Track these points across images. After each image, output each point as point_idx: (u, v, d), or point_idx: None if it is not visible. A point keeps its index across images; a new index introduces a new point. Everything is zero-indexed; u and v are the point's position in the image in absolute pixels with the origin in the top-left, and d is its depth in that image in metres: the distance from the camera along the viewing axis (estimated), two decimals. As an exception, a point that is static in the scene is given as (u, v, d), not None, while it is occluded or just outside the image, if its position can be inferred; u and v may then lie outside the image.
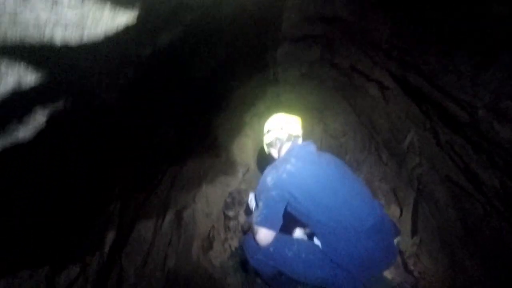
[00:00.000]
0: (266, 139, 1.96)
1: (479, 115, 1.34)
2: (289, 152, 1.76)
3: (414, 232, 2.13)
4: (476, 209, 1.72)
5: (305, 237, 1.94)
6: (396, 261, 1.93)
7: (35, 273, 1.01)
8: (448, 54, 1.39)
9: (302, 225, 1.86)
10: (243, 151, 3.39)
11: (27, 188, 1.03)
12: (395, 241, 1.54)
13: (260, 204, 1.56)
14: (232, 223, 2.89)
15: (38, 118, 0.78)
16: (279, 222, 1.53)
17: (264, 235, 1.52)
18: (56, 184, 1.17)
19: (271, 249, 1.57)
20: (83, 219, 1.38)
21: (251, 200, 1.95)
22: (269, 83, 3.31)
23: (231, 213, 2.87)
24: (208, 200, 2.74)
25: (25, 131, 0.76)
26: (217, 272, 2.57)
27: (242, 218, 2.90)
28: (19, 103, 0.72)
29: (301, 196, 1.48)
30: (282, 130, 1.87)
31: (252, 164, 3.44)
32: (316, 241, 1.55)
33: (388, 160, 2.61)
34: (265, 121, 2.05)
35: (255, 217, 1.56)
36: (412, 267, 2.02)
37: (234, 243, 2.78)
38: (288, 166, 1.56)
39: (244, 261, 2.80)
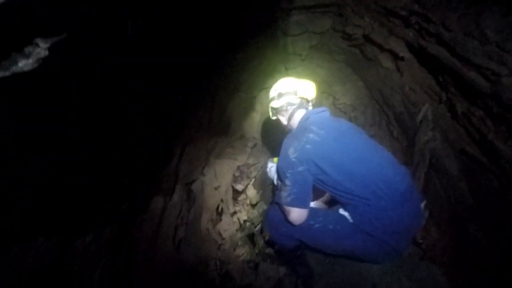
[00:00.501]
0: (276, 103, 1.78)
1: (503, 83, 1.27)
2: (305, 119, 1.63)
3: (424, 206, 2.13)
4: (490, 182, 1.69)
5: (325, 207, 1.94)
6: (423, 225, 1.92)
7: (50, 238, 1.02)
8: (473, 19, 1.31)
9: (318, 195, 1.83)
10: (251, 125, 3.35)
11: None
12: (422, 205, 1.52)
13: (287, 182, 1.45)
14: (240, 197, 2.92)
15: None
16: (310, 198, 1.47)
17: (298, 214, 1.47)
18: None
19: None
20: (96, 191, 1.39)
21: (270, 169, 1.86)
22: (278, 55, 3.21)
23: (239, 187, 2.88)
24: (217, 173, 2.75)
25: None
26: (226, 243, 2.63)
27: (250, 191, 2.92)
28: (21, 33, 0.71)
29: (330, 167, 1.39)
30: (295, 95, 1.73)
31: (260, 138, 3.42)
32: (343, 212, 1.49)
33: (398, 135, 2.56)
34: None
35: (284, 197, 1.46)
36: (420, 240, 2.03)
37: (243, 216, 2.82)
38: (311, 136, 1.44)
39: (252, 234, 2.86)
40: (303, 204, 1.45)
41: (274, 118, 1.87)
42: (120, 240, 1.62)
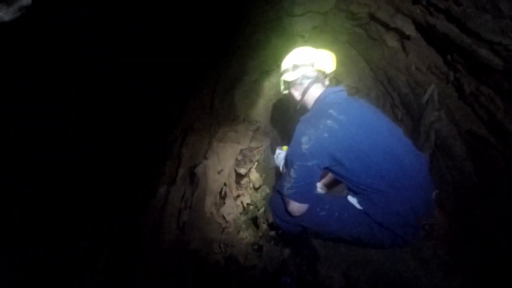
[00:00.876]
0: (289, 76, 1.58)
1: (515, 59, 1.23)
2: (322, 99, 1.46)
3: (435, 195, 2.12)
4: (496, 161, 1.67)
5: (325, 189, 1.91)
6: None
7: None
8: (486, -9, 1.26)
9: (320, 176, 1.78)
10: (253, 109, 3.31)
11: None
12: (434, 194, 1.45)
13: (293, 173, 1.35)
14: (243, 180, 2.92)
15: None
16: (313, 194, 1.41)
17: (297, 208, 1.42)
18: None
19: None
20: (99, 173, 1.38)
21: (278, 156, 1.75)
22: (281, 37, 3.14)
23: (242, 170, 2.88)
24: (220, 157, 2.73)
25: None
26: (230, 227, 2.65)
27: (253, 175, 2.92)
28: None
29: (347, 159, 1.29)
30: (312, 67, 1.53)
31: (263, 122, 3.39)
32: (351, 198, 1.44)
33: (403, 116, 2.52)
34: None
35: (286, 188, 1.38)
36: (424, 222, 2.03)
37: (246, 200, 2.83)
38: (329, 122, 1.29)
39: (255, 217, 2.88)
40: (304, 199, 1.40)
41: (285, 92, 1.70)
42: (126, 225, 1.62)
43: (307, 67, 1.54)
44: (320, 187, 1.78)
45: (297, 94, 1.59)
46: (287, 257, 1.90)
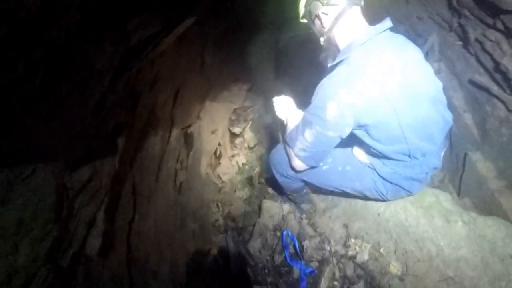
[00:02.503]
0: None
1: (531, -5, 1.16)
2: (363, 43, 1.10)
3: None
4: (497, 110, 1.65)
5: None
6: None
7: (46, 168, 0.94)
8: None
9: None
10: (246, 68, 3.18)
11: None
12: (442, 153, 1.37)
13: (309, 136, 1.17)
14: (238, 140, 2.88)
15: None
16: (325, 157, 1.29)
17: (303, 167, 1.30)
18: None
19: None
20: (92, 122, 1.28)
21: (279, 108, 1.50)
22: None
23: (236, 130, 2.83)
24: (213, 117, 2.66)
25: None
26: (226, 186, 2.65)
27: (247, 134, 2.87)
28: None
29: (375, 129, 1.12)
30: None
31: (256, 82, 3.28)
32: (358, 151, 1.36)
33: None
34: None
35: (297, 147, 1.22)
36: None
37: (241, 159, 2.81)
38: (367, 86, 1.04)
39: (251, 177, 2.89)
40: (315, 163, 1.27)
41: (304, 20, 1.32)
42: (121, 181, 1.57)
43: None
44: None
45: (326, 20, 1.19)
46: (287, 212, 1.92)
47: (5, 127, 0.85)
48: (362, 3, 1.20)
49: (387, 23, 1.17)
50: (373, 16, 1.66)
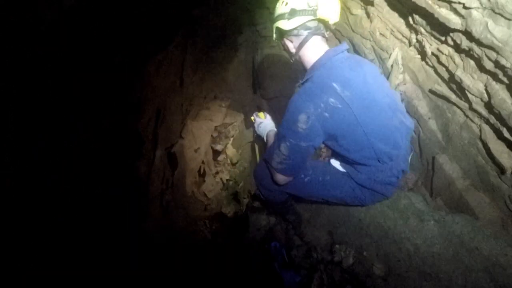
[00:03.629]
0: (285, 24, 1.30)
1: (473, 16, 1.33)
2: (324, 63, 1.27)
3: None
4: (457, 116, 1.82)
5: None
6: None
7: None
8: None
9: None
10: (224, 85, 3.27)
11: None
12: (409, 158, 1.51)
13: (284, 149, 1.28)
14: (220, 157, 2.93)
15: None
16: (302, 168, 1.39)
17: (284, 180, 1.40)
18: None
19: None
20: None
21: (259, 126, 1.66)
22: (247, 16, 3.07)
23: (218, 147, 2.88)
24: (195, 135, 2.71)
25: None
26: (212, 203, 2.68)
27: (230, 151, 2.94)
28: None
29: (344, 139, 1.25)
30: (314, 15, 1.26)
31: (235, 98, 3.37)
32: (334, 162, 1.49)
33: (370, 82, 2.63)
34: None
35: (275, 161, 1.33)
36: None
37: (225, 176, 2.86)
38: (332, 101, 1.17)
39: (236, 192, 2.94)
40: (292, 174, 1.38)
41: (277, 41, 1.49)
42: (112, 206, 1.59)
43: (308, 14, 1.27)
44: None
45: (291, 46, 1.38)
46: (274, 225, 1.98)
47: None
48: (324, 33, 1.38)
49: (343, 46, 1.37)
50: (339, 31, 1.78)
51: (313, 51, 1.33)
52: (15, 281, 1.11)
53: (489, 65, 1.42)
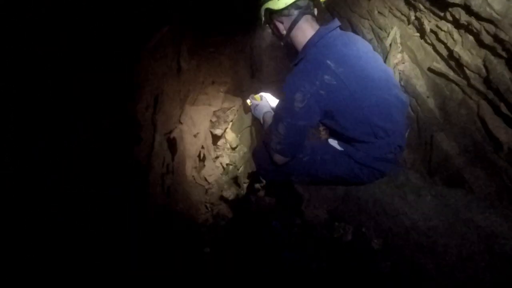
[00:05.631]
0: (274, 4, 1.29)
1: (473, -10, 1.31)
2: (317, 41, 1.27)
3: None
4: (455, 94, 1.82)
5: None
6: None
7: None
8: None
9: None
10: (221, 70, 3.25)
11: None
12: (406, 134, 1.52)
13: (281, 129, 1.29)
14: (220, 141, 2.94)
15: None
16: (301, 147, 1.40)
17: (283, 160, 1.42)
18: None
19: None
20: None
21: (255, 109, 1.66)
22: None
23: (218, 132, 2.89)
24: (194, 120, 2.71)
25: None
26: (213, 187, 2.71)
27: (229, 135, 2.94)
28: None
29: (341, 115, 1.26)
30: None
31: (232, 82, 3.35)
32: (332, 141, 1.49)
33: (368, 62, 2.62)
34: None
35: (274, 142, 1.34)
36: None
37: (225, 160, 2.88)
38: (327, 77, 1.18)
39: (236, 176, 2.96)
40: (291, 154, 1.38)
41: (266, 25, 1.46)
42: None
43: None
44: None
45: (282, 28, 1.36)
46: (274, 205, 2.00)
47: None
48: (315, 11, 1.38)
49: (335, 23, 1.34)
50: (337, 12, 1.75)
51: (304, 30, 1.33)
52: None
53: (487, 40, 1.41)
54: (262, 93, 1.75)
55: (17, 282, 1.13)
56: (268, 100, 1.72)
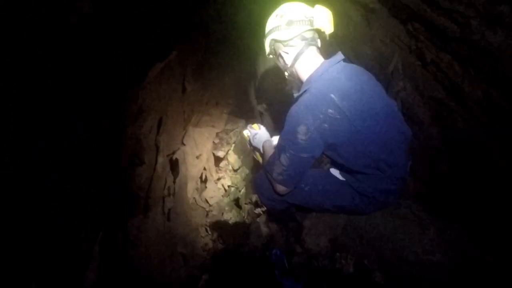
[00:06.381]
0: (282, 35, 1.32)
1: (471, 25, 1.34)
2: (321, 74, 1.28)
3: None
4: (457, 123, 1.82)
5: None
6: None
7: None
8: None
9: None
10: (225, 91, 3.29)
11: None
12: (408, 166, 1.47)
13: (284, 160, 1.28)
14: (222, 163, 2.94)
15: None
16: (303, 178, 1.39)
17: (285, 191, 1.40)
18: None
19: None
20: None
21: (254, 138, 1.65)
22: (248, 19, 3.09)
23: (220, 153, 2.89)
24: (196, 142, 2.72)
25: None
26: (214, 210, 2.69)
27: (231, 157, 2.95)
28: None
29: (343, 149, 1.26)
30: (310, 25, 1.29)
31: (236, 104, 3.39)
32: (334, 171, 1.48)
33: (370, 88, 2.64)
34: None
35: (275, 172, 1.33)
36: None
37: (227, 182, 2.87)
38: (331, 111, 1.18)
39: (237, 198, 2.94)
40: (293, 185, 1.37)
41: (271, 56, 1.47)
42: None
43: (305, 24, 1.29)
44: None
45: (288, 58, 1.37)
46: (274, 232, 1.98)
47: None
48: (319, 43, 1.40)
49: (339, 56, 1.36)
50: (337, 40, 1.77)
51: (309, 62, 1.34)
52: (15, 281, 1.12)
53: (488, 72, 1.43)
54: (259, 124, 1.74)
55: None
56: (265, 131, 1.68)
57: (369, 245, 1.52)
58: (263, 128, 1.68)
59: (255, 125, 1.71)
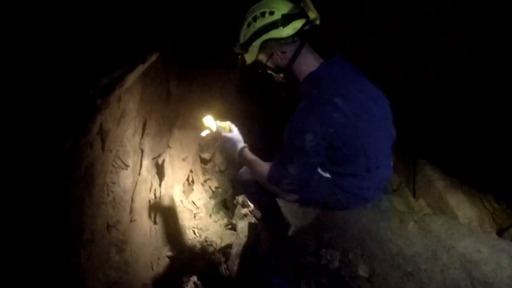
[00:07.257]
0: (283, 32, 1.19)
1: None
2: (322, 77, 1.24)
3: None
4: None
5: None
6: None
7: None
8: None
9: None
10: (210, 94, 3.29)
11: None
12: (391, 163, 1.52)
13: (292, 169, 1.24)
14: (208, 165, 2.94)
15: None
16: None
17: (296, 197, 1.39)
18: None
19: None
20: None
21: (227, 142, 1.50)
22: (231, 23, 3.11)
23: (206, 155, 2.89)
24: (182, 145, 2.72)
25: None
26: (201, 211, 2.68)
27: (217, 159, 2.95)
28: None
29: (341, 151, 1.27)
30: (307, 15, 1.17)
31: (221, 105, 3.39)
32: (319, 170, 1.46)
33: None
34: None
35: (286, 184, 1.28)
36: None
37: (214, 184, 2.87)
38: (336, 116, 1.16)
39: (225, 200, 2.94)
40: (304, 190, 1.33)
41: (263, 58, 1.30)
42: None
43: (301, 18, 1.17)
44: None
45: (284, 58, 1.26)
46: (261, 231, 1.99)
47: None
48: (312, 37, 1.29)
49: (338, 57, 1.30)
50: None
51: (308, 59, 1.27)
52: (15, 281, 1.11)
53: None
54: (229, 122, 1.57)
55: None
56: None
57: (353, 240, 1.56)
58: (235, 129, 1.55)
59: (225, 125, 1.55)
